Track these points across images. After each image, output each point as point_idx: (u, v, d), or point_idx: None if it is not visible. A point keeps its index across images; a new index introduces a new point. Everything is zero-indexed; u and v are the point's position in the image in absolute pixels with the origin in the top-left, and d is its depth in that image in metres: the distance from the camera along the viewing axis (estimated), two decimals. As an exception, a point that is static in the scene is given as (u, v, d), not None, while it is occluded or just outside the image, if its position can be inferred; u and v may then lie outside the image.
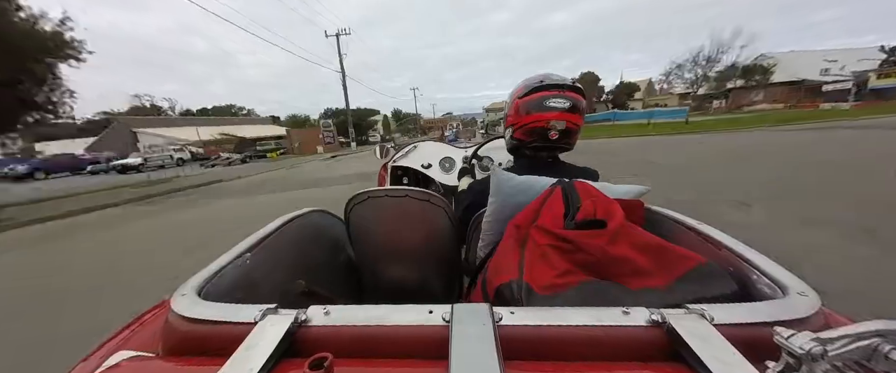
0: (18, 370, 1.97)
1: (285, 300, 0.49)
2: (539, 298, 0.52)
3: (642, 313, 0.41)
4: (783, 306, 0.41)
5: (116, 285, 3.08)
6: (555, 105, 0.91)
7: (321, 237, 1.04)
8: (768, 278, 0.48)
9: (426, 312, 0.43)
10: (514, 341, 0.39)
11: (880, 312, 1.48)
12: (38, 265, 4.04)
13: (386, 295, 1.13)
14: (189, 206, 7.49)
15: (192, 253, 3.82)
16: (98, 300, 2.77)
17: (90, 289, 3.03)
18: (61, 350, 1.96)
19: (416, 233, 1.07)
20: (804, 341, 0.29)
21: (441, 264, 1.11)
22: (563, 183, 0.74)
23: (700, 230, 0.64)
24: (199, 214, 6.40)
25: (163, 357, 0.47)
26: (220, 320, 0.44)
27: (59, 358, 0.76)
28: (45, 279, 3.40)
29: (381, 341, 0.41)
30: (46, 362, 1.85)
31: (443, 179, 1.87)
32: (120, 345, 0.56)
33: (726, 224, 2.15)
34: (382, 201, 1.05)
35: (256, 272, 0.69)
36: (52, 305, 2.80)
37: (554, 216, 0.65)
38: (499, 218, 0.81)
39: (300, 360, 0.36)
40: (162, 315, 0.52)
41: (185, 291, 0.51)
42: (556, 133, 0.93)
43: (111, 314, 1.54)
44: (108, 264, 3.76)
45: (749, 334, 0.37)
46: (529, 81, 0.97)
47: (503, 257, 0.64)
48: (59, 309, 2.71)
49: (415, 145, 2.01)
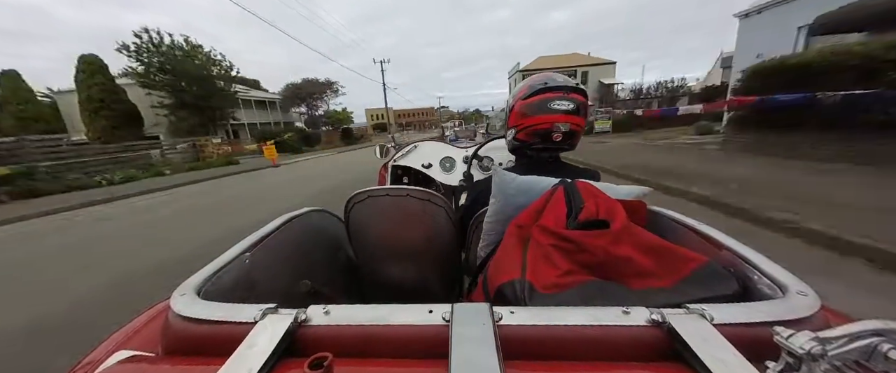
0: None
1: (287, 300, 0.49)
2: (541, 296, 0.52)
3: (642, 312, 0.41)
4: (783, 305, 0.41)
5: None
6: (559, 107, 0.91)
7: (321, 237, 1.04)
8: (768, 278, 0.48)
9: (426, 311, 0.43)
10: (514, 340, 0.39)
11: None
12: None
13: (386, 295, 1.13)
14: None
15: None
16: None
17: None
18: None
19: (417, 232, 1.07)
20: (804, 341, 0.29)
21: (442, 264, 1.11)
22: (565, 183, 0.74)
23: (700, 230, 0.64)
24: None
25: (163, 357, 0.47)
26: (219, 320, 0.44)
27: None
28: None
29: (381, 341, 0.41)
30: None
31: (443, 179, 1.87)
32: (120, 345, 0.56)
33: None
34: (383, 201, 1.05)
35: (256, 272, 0.69)
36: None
37: (556, 216, 0.65)
38: (500, 218, 0.81)
39: (300, 360, 0.36)
40: (162, 315, 0.52)
41: (184, 290, 0.51)
42: (559, 135, 0.93)
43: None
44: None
45: (749, 334, 0.37)
46: (533, 83, 0.96)
47: (505, 257, 0.64)
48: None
49: (415, 145, 2.01)
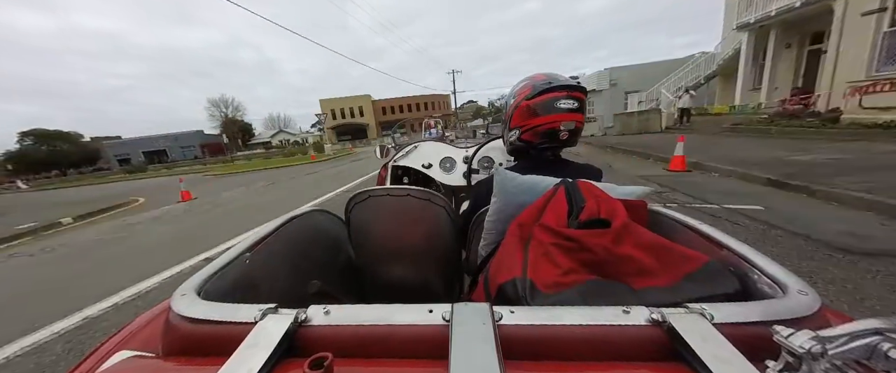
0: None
1: (288, 300, 0.49)
2: (543, 295, 0.52)
3: (642, 312, 0.40)
4: (783, 304, 0.41)
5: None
6: (565, 106, 0.90)
7: (321, 237, 1.04)
8: (768, 278, 0.47)
9: (426, 311, 0.43)
10: (514, 340, 0.39)
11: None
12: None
13: (387, 294, 1.13)
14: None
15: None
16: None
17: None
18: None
19: (418, 232, 1.07)
20: (804, 340, 0.29)
21: (442, 264, 1.11)
22: (566, 183, 0.74)
23: (701, 230, 0.64)
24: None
25: (163, 357, 0.47)
26: (220, 320, 0.44)
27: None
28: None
29: (381, 341, 0.41)
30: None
31: (443, 179, 1.87)
32: (120, 345, 0.56)
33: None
34: (384, 200, 1.04)
35: (256, 272, 0.69)
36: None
37: (558, 216, 0.65)
38: (501, 217, 0.81)
39: (300, 360, 0.36)
40: (162, 315, 0.52)
41: (184, 291, 0.51)
42: (566, 134, 0.93)
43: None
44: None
45: (749, 334, 0.37)
46: (536, 82, 0.95)
47: (506, 256, 0.64)
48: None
49: (415, 145, 2.01)
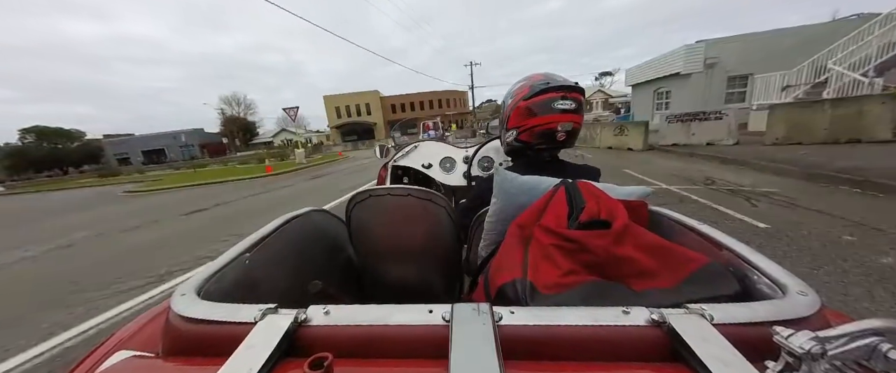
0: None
1: (288, 300, 0.49)
2: (543, 296, 0.52)
3: (642, 312, 0.40)
4: (783, 305, 0.41)
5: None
6: (563, 107, 0.90)
7: (321, 237, 1.04)
8: (768, 278, 0.47)
9: (426, 311, 0.43)
10: (514, 340, 0.39)
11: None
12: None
13: (387, 294, 1.13)
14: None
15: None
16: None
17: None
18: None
19: (418, 232, 1.07)
20: (804, 341, 0.29)
21: (442, 264, 1.11)
22: (566, 183, 0.73)
23: (700, 231, 0.64)
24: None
25: (163, 357, 0.47)
26: (220, 320, 0.44)
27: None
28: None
29: (381, 341, 0.41)
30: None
31: (443, 179, 1.87)
32: (120, 345, 0.56)
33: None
34: (385, 200, 1.04)
35: (256, 272, 0.69)
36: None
37: (558, 216, 0.65)
38: (501, 218, 0.81)
39: (300, 360, 0.36)
40: (162, 315, 0.51)
41: (184, 291, 0.51)
42: (564, 135, 0.92)
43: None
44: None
45: (749, 334, 0.37)
46: (534, 83, 0.95)
47: (506, 257, 0.64)
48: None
49: (415, 145, 2.01)
